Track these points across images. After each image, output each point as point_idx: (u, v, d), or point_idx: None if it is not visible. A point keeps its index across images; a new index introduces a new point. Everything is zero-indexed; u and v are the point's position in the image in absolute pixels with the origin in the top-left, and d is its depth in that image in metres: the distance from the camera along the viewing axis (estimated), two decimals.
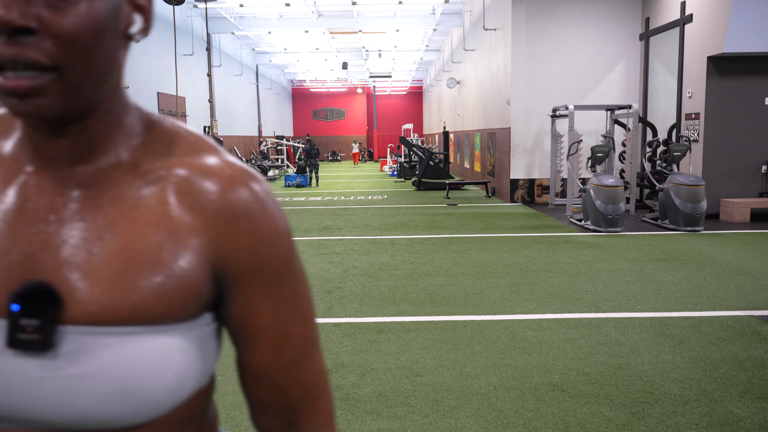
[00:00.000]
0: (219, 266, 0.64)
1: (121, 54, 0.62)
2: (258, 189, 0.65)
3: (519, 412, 2.96)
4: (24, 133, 0.63)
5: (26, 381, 0.57)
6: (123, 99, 0.65)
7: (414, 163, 18.83)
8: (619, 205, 8.19)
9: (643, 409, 2.98)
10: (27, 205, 0.61)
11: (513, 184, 12.21)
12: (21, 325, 0.56)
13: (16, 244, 0.60)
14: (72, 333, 0.57)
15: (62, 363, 0.57)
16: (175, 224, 0.62)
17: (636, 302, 4.81)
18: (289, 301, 0.68)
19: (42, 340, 0.56)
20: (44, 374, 0.57)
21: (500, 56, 12.86)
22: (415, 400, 3.11)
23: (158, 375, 0.59)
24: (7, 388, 0.58)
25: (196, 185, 0.63)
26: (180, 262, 0.61)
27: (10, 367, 0.57)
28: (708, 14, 9.25)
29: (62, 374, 0.57)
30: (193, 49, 16.08)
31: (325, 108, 37.68)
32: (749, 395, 3.11)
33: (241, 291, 0.65)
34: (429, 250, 7.08)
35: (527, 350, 3.78)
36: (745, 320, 4.32)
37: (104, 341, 0.58)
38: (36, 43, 0.54)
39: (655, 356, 3.66)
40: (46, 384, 0.57)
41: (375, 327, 4.29)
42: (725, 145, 9.47)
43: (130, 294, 0.59)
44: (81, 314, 0.58)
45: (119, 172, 0.63)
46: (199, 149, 0.66)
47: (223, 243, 0.63)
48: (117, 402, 0.58)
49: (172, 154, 0.65)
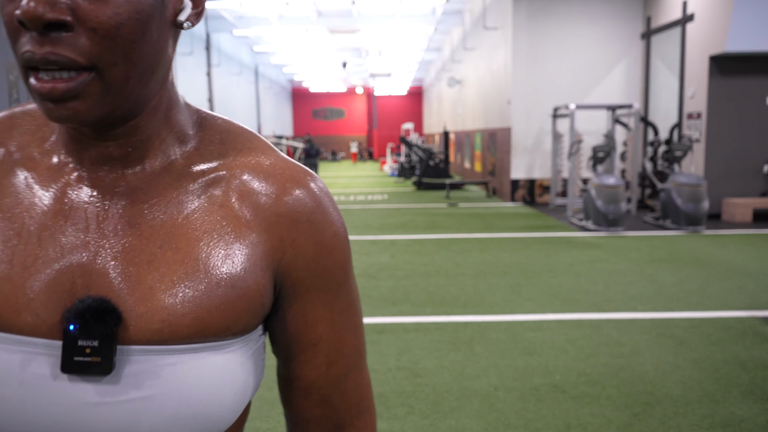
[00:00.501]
0: (280, 274, 0.60)
1: (170, 45, 0.56)
2: (317, 190, 0.61)
3: (520, 413, 2.94)
4: (66, 135, 0.58)
5: (82, 407, 0.51)
6: (173, 95, 0.59)
7: (414, 164, 18.82)
8: (620, 205, 8.17)
9: (644, 410, 2.96)
10: (73, 213, 0.55)
11: (513, 184, 12.19)
12: (79, 346, 0.50)
13: (64, 256, 0.54)
14: (134, 353, 0.52)
15: (123, 387, 0.52)
16: (236, 230, 0.57)
17: (637, 303, 4.78)
18: (344, 311, 0.64)
19: (102, 363, 0.50)
20: (103, 399, 0.51)
21: (501, 55, 12.84)
22: (416, 401, 3.09)
23: (222, 393, 0.55)
24: (60, 415, 0.51)
25: (256, 188, 0.59)
26: (243, 270, 0.56)
27: (64, 393, 0.51)
28: (710, 13, 9.23)
29: (123, 399, 0.52)
30: (192, 49, 16.06)
31: (324, 107, 37.66)
32: (751, 396, 3.09)
33: (298, 300, 0.61)
34: (429, 251, 7.06)
35: (528, 351, 3.76)
36: (747, 321, 4.30)
37: (168, 360, 0.52)
38: (71, 39, 0.48)
39: (657, 357, 3.63)
40: (104, 410, 0.51)
41: (375, 327, 4.27)
42: (727, 145, 9.44)
43: (195, 308, 0.53)
44: (143, 332, 0.52)
45: (172, 175, 0.58)
46: (254, 148, 0.62)
47: (285, 249, 0.59)
48: (180, 425, 0.53)
49: (227, 154, 0.60)
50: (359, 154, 36.61)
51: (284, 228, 0.59)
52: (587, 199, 8.54)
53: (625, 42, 11.75)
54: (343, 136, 37.64)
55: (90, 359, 0.50)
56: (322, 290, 0.62)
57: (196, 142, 0.61)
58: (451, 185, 14.06)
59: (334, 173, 23.43)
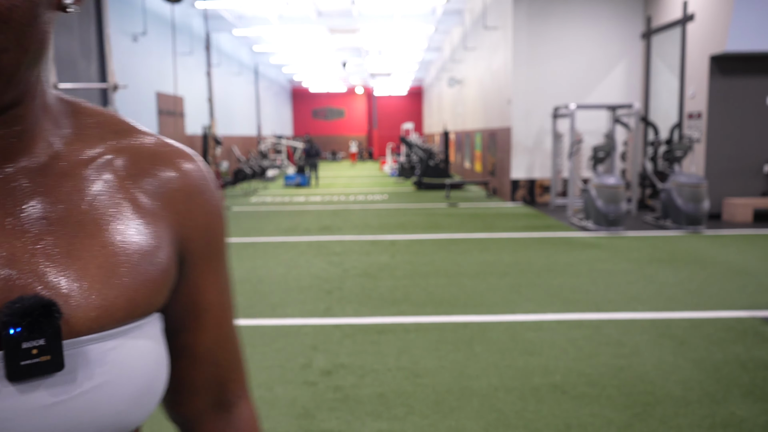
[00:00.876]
0: (180, 246, 0.61)
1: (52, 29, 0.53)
2: (201, 164, 0.64)
3: (520, 414, 2.93)
4: None
5: (38, 412, 0.48)
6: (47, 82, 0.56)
7: (414, 164, 18.81)
8: (620, 205, 8.16)
9: (644, 410, 2.96)
10: None
11: (514, 184, 12.18)
12: (24, 349, 0.47)
13: None
14: (78, 345, 0.50)
15: (76, 381, 0.50)
16: (138, 209, 0.57)
17: (637, 303, 4.78)
18: (225, 274, 0.68)
19: (52, 360, 0.48)
20: (59, 398, 0.49)
21: (501, 55, 12.83)
22: (416, 401, 3.08)
23: (160, 367, 0.57)
24: (16, 428, 0.48)
25: (147, 167, 0.60)
26: (155, 247, 0.57)
27: (13, 403, 0.47)
28: (710, 13, 9.22)
29: (78, 392, 0.50)
30: (191, 49, 16.05)
31: (324, 107, 37.64)
32: (752, 396, 3.09)
33: (194, 269, 0.63)
34: (429, 251, 7.05)
35: (528, 351, 3.75)
36: (748, 321, 4.29)
37: (109, 345, 0.52)
38: None
39: (657, 357, 3.63)
40: (61, 408, 0.49)
41: (375, 328, 4.26)
42: (728, 145, 9.44)
43: (125, 290, 0.54)
44: (82, 322, 0.51)
45: (62, 163, 0.56)
46: (129, 129, 0.62)
47: (182, 222, 0.61)
48: (135, 404, 0.54)
49: (106, 137, 0.60)
50: (359, 154, 36.58)
51: (180, 202, 0.61)
52: (587, 199, 8.53)
53: (626, 42, 11.74)
54: (342, 136, 37.61)
55: (39, 360, 0.48)
56: (212, 257, 0.65)
57: (72, 128, 0.59)
58: (451, 185, 14.05)
59: (333, 173, 23.42)
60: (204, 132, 15.37)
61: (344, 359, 3.67)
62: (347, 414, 2.97)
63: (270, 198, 13.95)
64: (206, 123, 17.02)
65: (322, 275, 5.86)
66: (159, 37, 13.75)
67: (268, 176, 19.81)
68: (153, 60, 13.42)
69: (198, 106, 16.65)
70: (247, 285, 5.51)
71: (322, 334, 4.14)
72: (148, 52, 13.18)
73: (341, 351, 3.81)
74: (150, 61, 13.26)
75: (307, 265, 6.36)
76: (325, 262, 6.50)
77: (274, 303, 4.91)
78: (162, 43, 13.90)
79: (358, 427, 2.84)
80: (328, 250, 7.15)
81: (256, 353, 3.78)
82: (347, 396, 3.16)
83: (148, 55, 13.18)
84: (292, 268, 6.23)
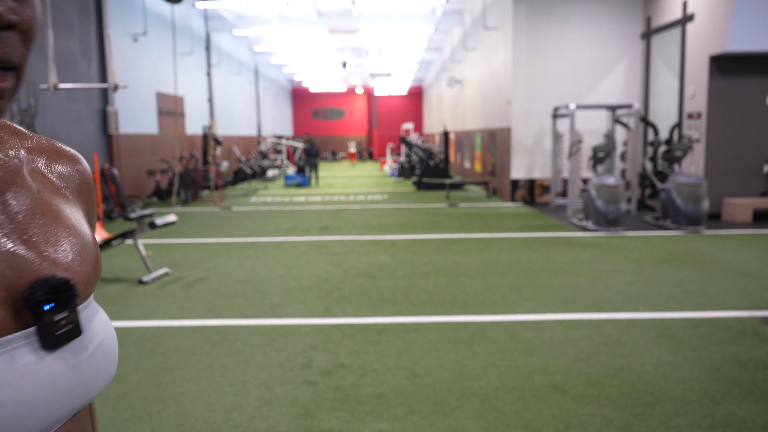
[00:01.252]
0: None
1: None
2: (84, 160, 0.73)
3: (520, 413, 2.94)
4: None
5: (68, 373, 0.57)
6: None
7: (414, 164, 18.81)
8: (620, 205, 8.16)
9: (644, 410, 2.96)
10: None
11: (513, 184, 12.18)
12: (55, 321, 0.56)
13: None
14: (80, 311, 0.60)
15: (87, 341, 0.60)
16: (67, 200, 0.66)
17: (637, 303, 4.78)
18: None
19: (74, 329, 0.57)
20: (79, 359, 0.58)
21: (501, 55, 12.84)
22: (416, 401, 3.09)
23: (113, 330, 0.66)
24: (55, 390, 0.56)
25: (58, 166, 0.67)
26: (89, 231, 0.67)
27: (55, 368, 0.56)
28: (710, 13, 9.23)
29: (90, 352, 0.60)
30: (192, 49, 16.05)
31: (324, 107, 37.64)
32: (751, 396, 3.09)
33: None
34: (429, 251, 7.05)
35: (528, 351, 3.76)
36: (747, 321, 4.30)
37: (90, 313, 0.62)
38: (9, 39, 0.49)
39: (657, 357, 3.63)
40: (83, 367, 0.59)
41: (375, 328, 4.27)
42: (727, 145, 9.44)
43: (93, 268, 0.64)
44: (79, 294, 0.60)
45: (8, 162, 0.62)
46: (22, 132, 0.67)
47: (88, 210, 0.70)
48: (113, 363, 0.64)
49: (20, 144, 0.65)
50: (359, 154, 36.57)
51: (86, 192, 0.70)
52: (587, 199, 8.53)
53: (625, 42, 11.75)
54: (343, 136, 37.60)
55: (67, 329, 0.57)
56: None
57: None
58: (451, 185, 14.05)
59: (333, 173, 23.42)
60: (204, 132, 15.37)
61: (344, 359, 3.68)
62: (347, 414, 2.97)
63: (270, 198, 13.95)
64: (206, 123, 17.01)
65: (322, 275, 5.87)
66: (159, 37, 13.75)
67: (268, 176, 19.81)
68: (153, 60, 13.42)
69: (198, 106, 16.65)
70: (247, 285, 5.52)
71: (322, 333, 4.15)
72: (149, 52, 13.18)
73: (341, 351, 3.82)
74: (150, 61, 13.25)
75: (307, 265, 6.37)
76: (325, 262, 6.50)
77: (274, 303, 4.92)
78: (162, 43, 13.89)
79: (358, 427, 2.84)
80: (328, 250, 7.15)
81: (256, 353, 3.78)
82: (347, 396, 3.17)
83: (149, 55, 13.18)
84: (292, 268, 6.23)
